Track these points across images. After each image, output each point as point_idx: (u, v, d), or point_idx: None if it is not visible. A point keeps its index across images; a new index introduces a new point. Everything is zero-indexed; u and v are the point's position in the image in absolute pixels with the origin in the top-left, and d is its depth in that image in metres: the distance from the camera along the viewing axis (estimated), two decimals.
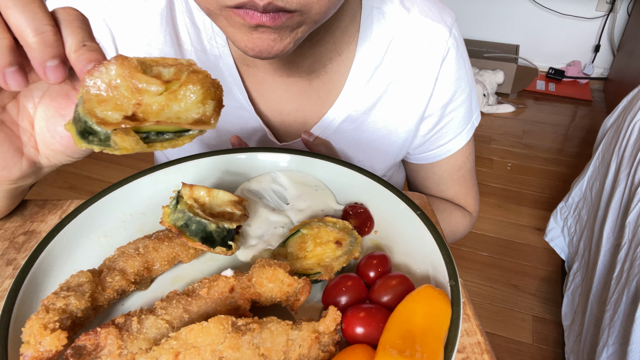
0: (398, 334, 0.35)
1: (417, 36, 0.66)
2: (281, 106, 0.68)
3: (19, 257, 0.49)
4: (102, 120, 0.35)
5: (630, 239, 1.18)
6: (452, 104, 0.71)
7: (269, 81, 0.66)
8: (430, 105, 0.70)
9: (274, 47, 0.47)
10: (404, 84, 0.68)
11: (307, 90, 0.67)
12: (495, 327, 1.63)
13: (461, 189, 0.81)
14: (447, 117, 0.72)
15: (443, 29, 0.66)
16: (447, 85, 0.69)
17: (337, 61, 0.66)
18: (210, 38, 0.63)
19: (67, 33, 0.36)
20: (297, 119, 0.69)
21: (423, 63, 0.67)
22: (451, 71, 0.68)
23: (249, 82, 0.66)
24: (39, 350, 0.34)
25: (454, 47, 0.67)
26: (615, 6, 2.96)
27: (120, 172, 2.31)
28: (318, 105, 0.68)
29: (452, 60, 0.68)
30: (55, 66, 0.36)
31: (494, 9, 3.18)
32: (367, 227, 0.50)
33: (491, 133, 2.68)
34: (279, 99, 0.67)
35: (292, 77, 0.66)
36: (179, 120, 0.36)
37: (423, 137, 0.74)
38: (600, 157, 1.56)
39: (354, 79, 0.66)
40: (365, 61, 0.65)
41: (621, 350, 1.07)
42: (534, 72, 3.01)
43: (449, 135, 0.74)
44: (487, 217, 2.10)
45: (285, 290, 0.40)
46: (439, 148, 0.75)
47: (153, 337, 0.36)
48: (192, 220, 0.43)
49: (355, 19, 0.64)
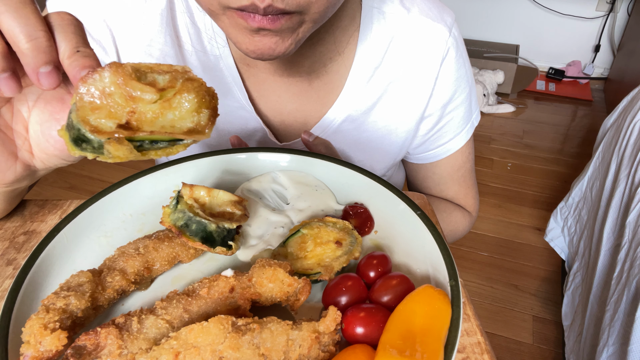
0: (398, 334, 0.35)
1: (417, 36, 0.66)
2: (281, 106, 0.68)
3: (19, 257, 0.49)
4: (95, 128, 0.35)
5: (631, 239, 1.18)
6: (452, 103, 0.71)
7: (269, 81, 0.66)
8: (430, 105, 0.70)
9: (276, 50, 0.48)
10: (404, 83, 0.68)
11: (308, 90, 0.67)
12: (495, 327, 1.63)
13: (461, 189, 0.81)
14: (447, 117, 0.72)
15: (443, 28, 0.66)
16: (447, 85, 0.69)
17: (338, 61, 0.66)
18: (211, 38, 0.63)
19: (60, 38, 0.36)
20: (297, 119, 0.69)
21: (423, 63, 0.67)
22: (451, 71, 0.68)
23: (249, 82, 0.66)
24: (39, 350, 0.34)
25: (454, 47, 0.67)
26: (615, 6, 2.96)
27: (120, 172, 2.31)
28: (318, 105, 0.68)
29: (452, 60, 0.68)
30: (49, 72, 0.35)
31: (494, 9, 3.18)
32: (367, 227, 0.50)
33: (491, 133, 2.68)
34: (279, 99, 0.67)
35: (292, 77, 0.66)
36: (173, 129, 0.36)
37: (423, 137, 0.74)
38: (600, 157, 1.56)
39: (354, 79, 0.66)
40: (365, 61, 0.65)
41: (621, 350, 1.07)
42: (534, 72, 3.01)
43: (448, 135, 0.74)
44: (487, 217, 2.10)
45: (286, 290, 0.40)
46: (439, 148, 0.75)
47: (153, 337, 0.36)
48: (192, 220, 0.43)
49: (355, 18, 0.64)
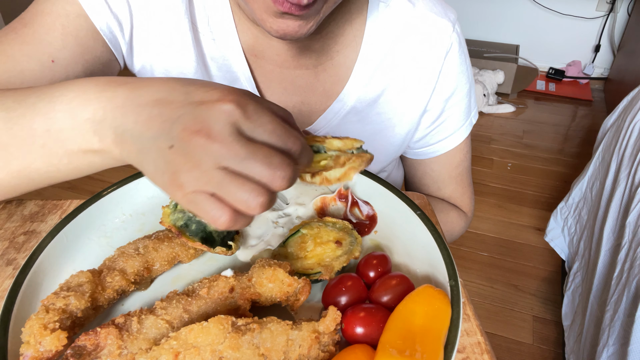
0: (398, 334, 0.35)
1: (422, 30, 0.67)
2: (287, 98, 0.69)
3: (19, 257, 0.49)
4: None
5: (631, 239, 1.18)
6: (453, 98, 0.72)
7: (275, 73, 0.67)
8: (433, 98, 0.71)
9: (299, 32, 0.51)
10: (408, 76, 0.69)
11: (314, 83, 0.68)
12: (495, 327, 1.62)
13: (458, 188, 0.82)
14: (448, 112, 0.73)
15: (447, 23, 0.67)
16: (450, 79, 0.70)
17: (344, 53, 0.67)
18: (220, 27, 0.63)
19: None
20: (302, 111, 0.70)
21: (428, 56, 0.68)
22: (454, 65, 0.69)
23: (256, 73, 0.67)
24: (39, 350, 0.34)
25: (457, 42, 0.69)
26: (615, 6, 2.95)
27: (120, 172, 2.30)
28: (323, 97, 0.69)
29: (456, 54, 0.69)
30: None
31: (494, 9, 3.18)
32: (370, 228, 0.50)
33: (491, 133, 2.68)
34: (285, 90, 0.68)
35: (299, 69, 0.67)
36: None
37: (424, 131, 0.75)
38: (600, 157, 1.56)
39: (359, 72, 0.67)
40: (370, 53, 0.67)
41: (621, 351, 1.07)
42: (534, 72, 3.00)
43: (448, 131, 0.75)
44: (487, 217, 2.09)
45: (285, 290, 0.40)
46: (438, 143, 0.76)
47: (153, 337, 0.36)
48: (192, 220, 0.43)
49: (362, 11, 0.66)
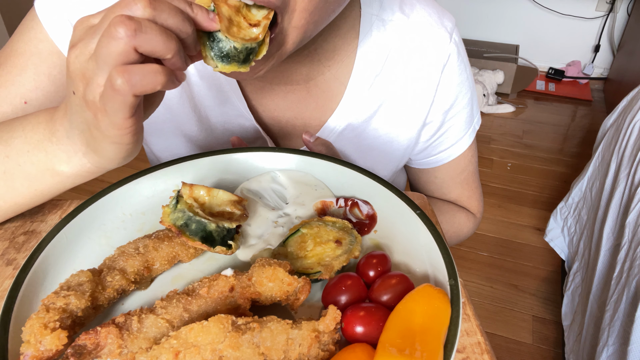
0: (398, 333, 0.35)
1: (418, 42, 0.65)
2: (279, 114, 0.67)
3: (19, 257, 0.50)
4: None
5: (630, 239, 1.18)
6: (454, 109, 0.70)
7: (266, 89, 0.66)
8: (432, 111, 0.69)
9: (250, 76, 0.50)
10: (405, 91, 0.67)
11: (306, 98, 0.66)
12: (495, 327, 1.62)
13: (464, 192, 0.80)
14: (449, 123, 0.71)
15: (444, 34, 0.65)
16: (449, 91, 0.68)
17: (336, 68, 0.65)
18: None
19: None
20: (296, 126, 0.68)
21: (424, 69, 0.66)
22: (452, 77, 0.68)
23: (247, 89, 0.66)
24: (39, 350, 0.34)
25: (455, 53, 0.67)
26: (615, 6, 2.96)
27: (120, 172, 2.30)
28: (317, 112, 0.67)
29: (454, 66, 0.67)
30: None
31: (494, 9, 3.18)
32: (369, 227, 0.51)
33: (491, 133, 2.68)
34: (277, 107, 0.67)
35: (289, 84, 0.65)
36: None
37: (424, 144, 0.73)
38: (600, 157, 1.56)
39: (354, 87, 0.65)
40: (365, 69, 0.65)
41: (621, 350, 1.07)
42: (534, 72, 3.00)
43: (450, 140, 0.73)
44: (487, 217, 2.10)
45: (285, 289, 0.40)
46: (441, 153, 0.75)
47: (153, 336, 0.36)
48: (192, 219, 0.43)
49: (355, 26, 0.64)
